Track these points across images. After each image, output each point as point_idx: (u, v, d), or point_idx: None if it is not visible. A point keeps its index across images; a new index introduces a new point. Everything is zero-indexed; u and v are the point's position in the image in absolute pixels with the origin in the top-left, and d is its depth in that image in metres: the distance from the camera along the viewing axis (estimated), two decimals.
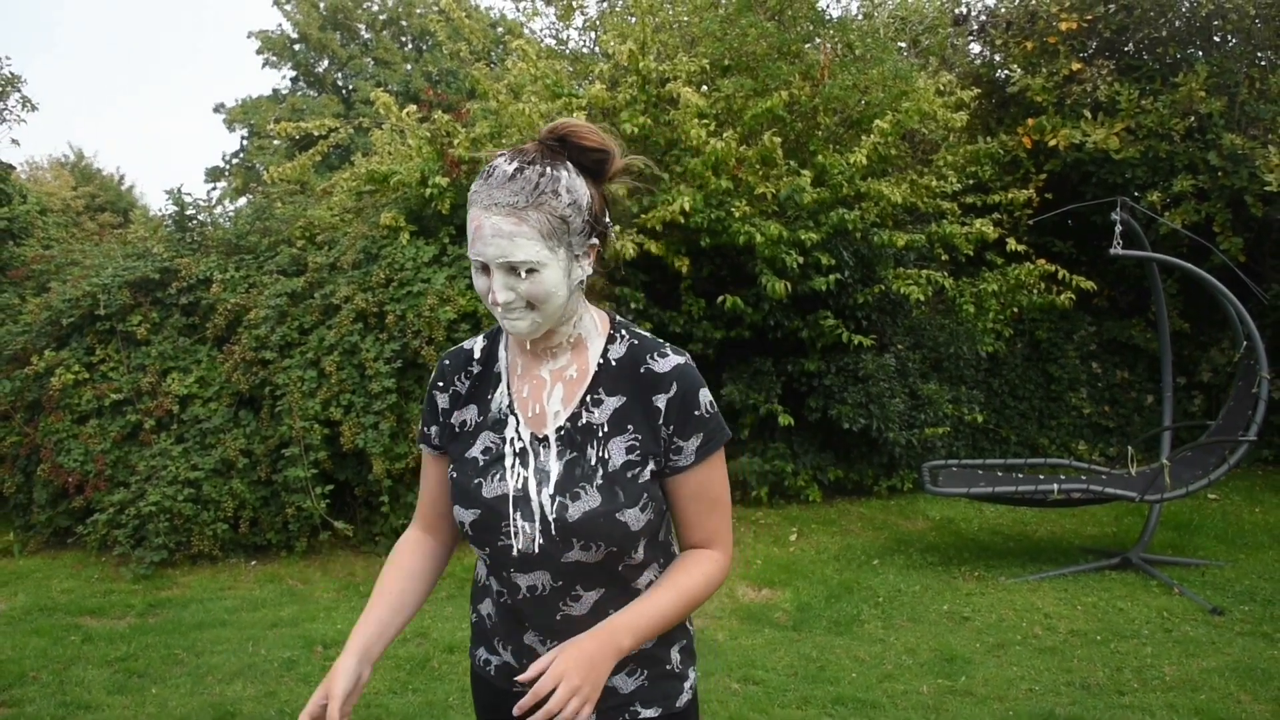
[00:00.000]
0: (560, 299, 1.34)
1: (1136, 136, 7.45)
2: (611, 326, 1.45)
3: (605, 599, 1.40)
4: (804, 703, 3.60)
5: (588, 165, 1.35)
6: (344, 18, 25.58)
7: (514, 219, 1.28)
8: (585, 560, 1.36)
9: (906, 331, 7.42)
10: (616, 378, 1.40)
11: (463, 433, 1.46)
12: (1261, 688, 3.68)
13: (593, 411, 1.39)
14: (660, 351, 1.40)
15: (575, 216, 1.32)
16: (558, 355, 1.42)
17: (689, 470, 1.39)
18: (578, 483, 1.36)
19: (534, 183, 1.29)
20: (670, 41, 7.12)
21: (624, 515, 1.34)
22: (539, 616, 1.41)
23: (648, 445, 1.38)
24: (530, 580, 1.39)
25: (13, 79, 10.90)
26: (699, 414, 1.38)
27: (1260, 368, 5.09)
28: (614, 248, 1.46)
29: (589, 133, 1.34)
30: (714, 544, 1.44)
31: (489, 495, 1.39)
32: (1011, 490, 5.17)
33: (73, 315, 6.05)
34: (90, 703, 3.64)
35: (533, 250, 1.28)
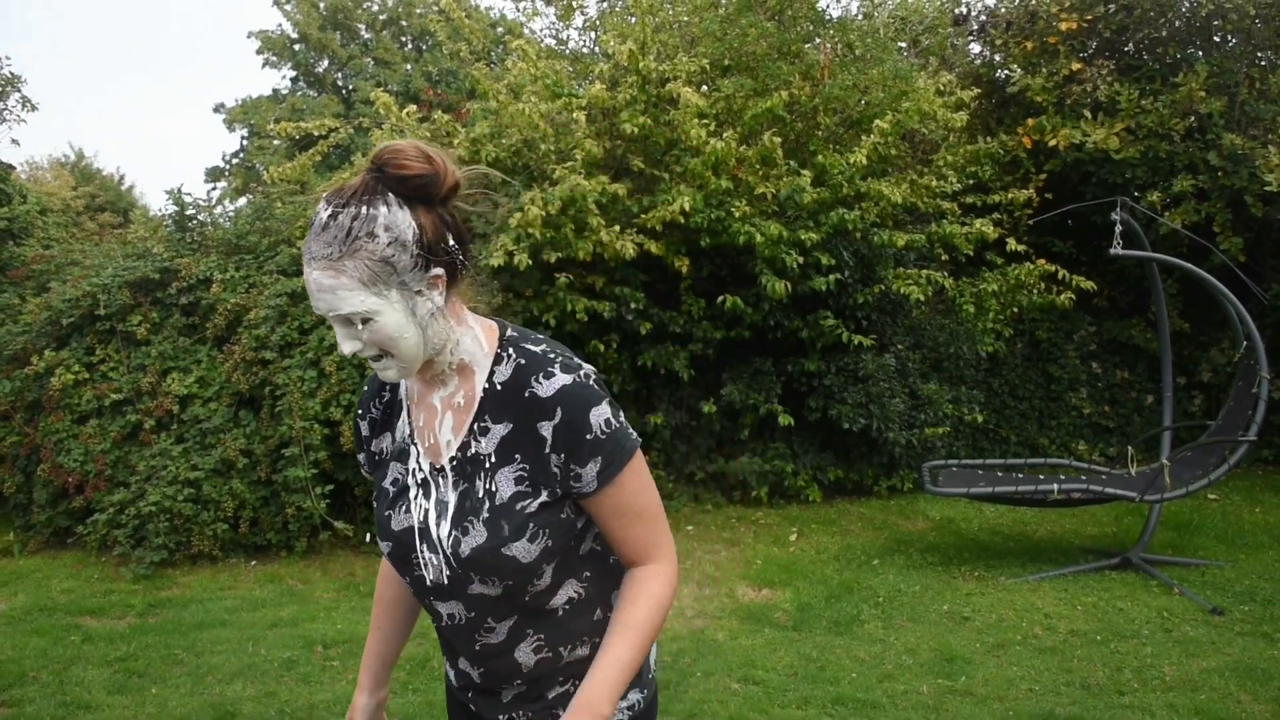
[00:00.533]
0: (411, 340, 1.27)
1: (1136, 136, 7.45)
2: (500, 345, 1.36)
3: (520, 624, 1.37)
4: (804, 703, 3.60)
5: (410, 193, 1.25)
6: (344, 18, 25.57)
7: (331, 272, 1.21)
8: (487, 593, 1.32)
9: (906, 331, 7.42)
10: (502, 403, 1.33)
11: (380, 461, 1.44)
12: (1261, 688, 3.68)
13: (480, 441, 1.33)
14: (547, 371, 1.30)
15: (400, 255, 1.23)
16: (446, 381, 1.36)
17: (598, 494, 1.31)
18: (467, 516, 1.32)
19: (346, 229, 1.21)
20: (670, 41, 7.12)
21: (510, 549, 1.29)
22: (462, 645, 1.40)
23: (537, 475, 1.31)
24: (448, 609, 1.37)
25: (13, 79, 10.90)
26: (591, 438, 1.28)
27: (1260, 368, 5.09)
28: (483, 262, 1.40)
29: (407, 159, 1.24)
30: (649, 556, 1.36)
31: (397, 528, 1.37)
32: (1011, 490, 5.17)
33: (73, 315, 6.05)
34: (90, 703, 3.64)
35: (357, 300, 1.22)
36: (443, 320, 1.32)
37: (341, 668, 3.96)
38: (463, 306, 1.35)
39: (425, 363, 1.34)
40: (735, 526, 6.19)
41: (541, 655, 1.38)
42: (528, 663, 1.38)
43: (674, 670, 3.93)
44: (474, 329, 1.36)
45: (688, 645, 4.22)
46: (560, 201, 5.63)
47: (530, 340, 1.36)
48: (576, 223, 5.80)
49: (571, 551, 1.36)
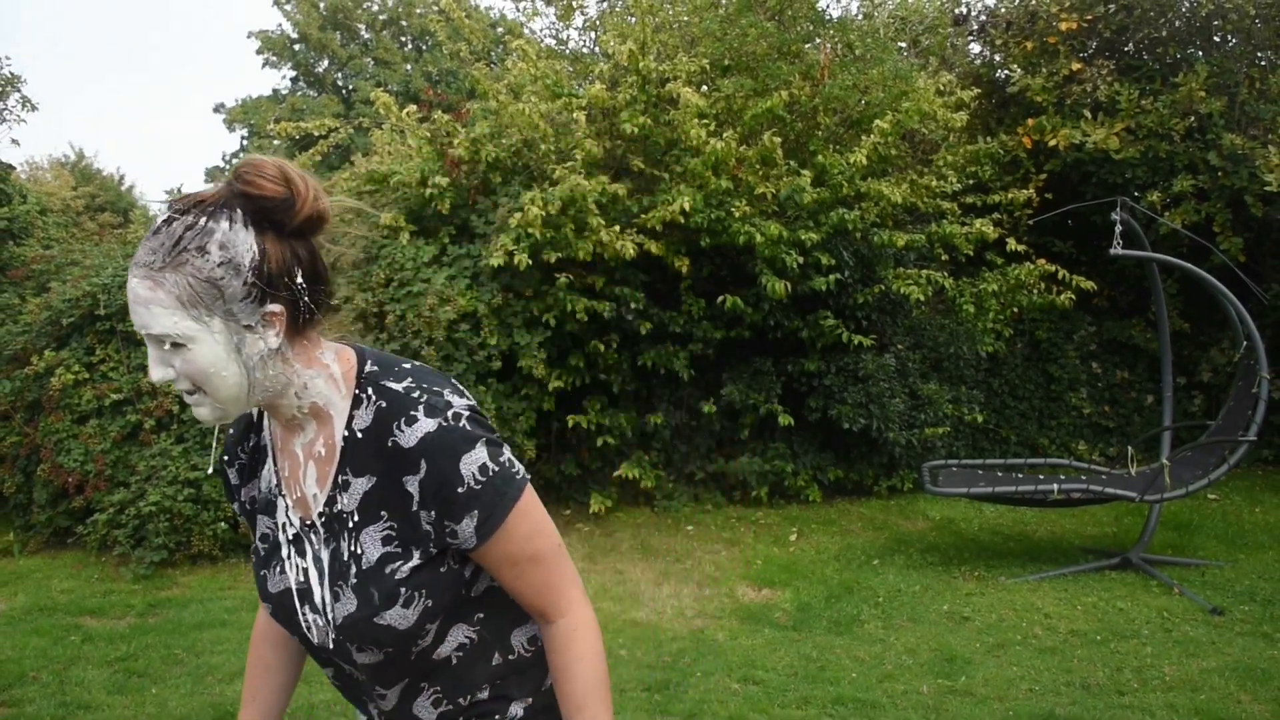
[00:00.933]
0: (230, 380, 1.12)
1: (1136, 136, 7.45)
2: (358, 384, 1.19)
3: (413, 683, 1.25)
4: (804, 703, 3.60)
5: (258, 214, 1.11)
6: (344, 18, 25.57)
7: (149, 283, 1.07)
8: (369, 661, 1.20)
9: (906, 331, 7.42)
10: (364, 453, 1.17)
11: (252, 511, 1.30)
12: (1261, 688, 3.67)
13: (342, 497, 1.19)
14: (409, 416, 1.14)
15: (231, 279, 1.08)
16: (304, 428, 1.21)
17: (482, 548, 1.17)
18: (337, 580, 1.18)
19: (176, 238, 1.07)
20: (670, 41, 7.13)
21: (384, 618, 1.16)
22: (361, 697, 1.30)
23: (407, 534, 1.16)
24: (335, 670, 1.28)
25: (13, 79, 10.90)
26: (464, 491, 1.13)
27: (1260, 368, 5.09)
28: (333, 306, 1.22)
29: (262, 176, 1.10)
30: (554, 605, 1.22)
31: (274, 590, 1.24)
32: (1011, 490, 5.16)
33: (73, 315, 6.05)
34: (90, 703, 3.64)
35: (170, 321, 1.07)
36: (279, 364, 1.15)
37: None
38: (317, 346, 1.20)
39: (273, 409, 1.19)
40: (735, 526, 6.18)
41: (442, 709, 1.26)
42: (429, 717, 1.27)
43: (674, 670, 3.93)
44: (330, 367, 1.20)
45: (688, 645, 4.22)
46: (560, 201, 5.63)
47: (393, 375, 1.20)
48: (576, 223, 5.80)
49: (456, 601, 1.22)
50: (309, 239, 1.16)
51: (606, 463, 6.52)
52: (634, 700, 3.63)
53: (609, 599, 4.88)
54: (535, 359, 5.93)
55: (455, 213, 6.25)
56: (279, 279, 1.12)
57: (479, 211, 6.27)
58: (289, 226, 1.13)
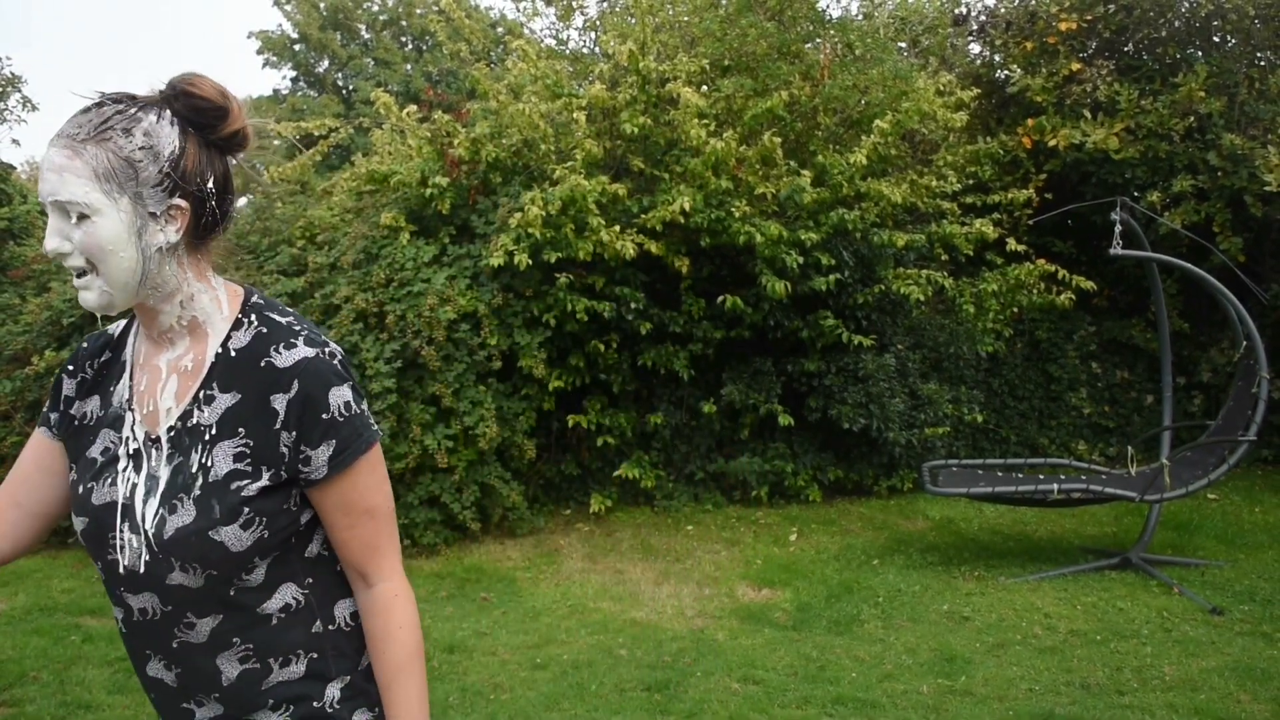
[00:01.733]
0: (125, 262, 1.15)
1: (1136, 136, 7.45)
2: (242, 310, 1.25)
3: (225, 626, 1.21)
4: (804, 703, 3.60)
5: (194, 118, 1.18)
6: (344, 18, 25.56)
7: (69, 152, 1.13)
8: (188, 584, 1.17)
9: (906, 331, 7.42)
10: (234, 371, 1.21)
11: (83, 427, 1.28)
12: (1261, 687, 3.68)
13: (203, 410, 1.20)
14: (289, 342, 1.20)
15: (148, 164, 1.15)
16: (175, 343, 1.24)
17: (326, 483, 1.20)
18: (177, 493, 1.18)
19: (105, 117, 1.14)
20: (670, 41, 7.13)
21: (219, 534, 1.15)
22: (157, 641, 1.23)
23: (261, 453, 1.18)
24: (140, 602, 1.21)
25: (13, 79, 10.90)
26: (327, 417, 1.18)
27: (1260, 368, 5.09)
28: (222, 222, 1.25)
29: (200, 83, 1.18)
30: (372, 564, 1.24)
31: (98, 502, 1.22)
32: (1011, 490, 5.16)
33: (73, 315, 6.06)
34: (90, 702, 3.64)
35: (81, 190, 1.12)
36: (174, 265, 1.20)
37: None
38: (209, 266, 1.25)
39: (150, 316, 1.23)
40: (735, 526, 6.19)
41: (247, 666, 1.22)
42: (229, 674, 1.22)
43: (674, 670, 3.93)
44: (216, 290, 1.25)
45: (688, 645, 4.22)
46: (560, 201, 5.63)
47: (277, 310, 1.26)
48: (576, 223, 5.81)
49: (293, 551, 1.23)
50: (225, 156, 1.23)
51: (606, 463, 6.52)
52: (634, 700, 3.63)
53: (609, 599, 4.88)
54: (535, 359, 5.94)
55: (455, 213, 6.25)
56: (192, 178, 1.19)
57: (479, 211, 6.27)
58: (214, 136, 1.20)
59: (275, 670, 1.23)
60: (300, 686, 1.24)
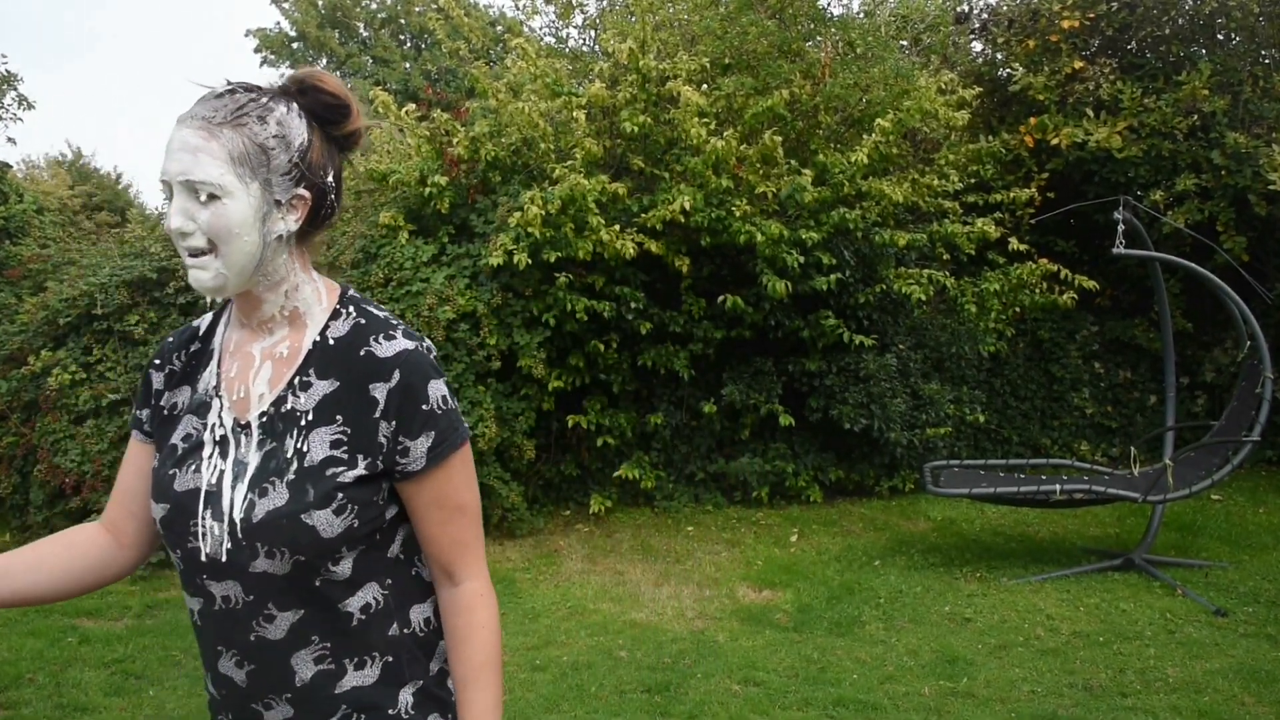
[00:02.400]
0: (247, 246, 1.17)
1: (1139, 135, 7.43)
2: (339, 302, 1.27)
3: (306, 622, 1.19)
4: (805, 704, 3.58)
5: (320, 111, 1.22)
6: (342, 16, 25.55)
7: (204, 133, 1.14)
8: (272, 571, 1.16)
9: (908, 331, 7.40)
10: (332, 359, 1.22)
11: (171, 417, 1.28)
12: (1265, 690, 3.65)
13: (299, 396, 1.21)
14: (388, 334, 1.22)
15: (280, 151, 1.17)
16: (273, 331, 1.25)
17: (422, 476, 1.21)
18: (268, 477, 1.18)
19: (240, 103, 1.16)
20: (670, 40, 7.10)
21: (311, 518, 1.15)
22: (234, 634, 1.20)
23: (358, 441, 1.19)
24: (223, 590, 1.19)
25: (9, 77, 10.87)
26: (427, 409, 1.20)
27: (1264, 368, 5.07)
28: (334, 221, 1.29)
29: (326, 79, 1.22)
30: (461, 562, 1.24)
31: (180, 489, 1.21)
32: (1014, 491, 5.14)
33: (70, 315, 6.03)
34: (87, 704, 3.62)
35: (216, 172, 1.13)
36: (285, 254, 1.22)
37: None
38: (310, 259, 1.28)
39: (254, 304, 1.23)
40: (736, 527, 6.16)
41: (323, 667, 1.20)
42: (304, 675, 1.20)
43: (674, 671, 3.90)
44: (315, 283, 1.27)
45: (688, 646, 4.20)
46: (560, 201, 5.61)
47: (373, 305, 1.28)
48: (576, 222, 5.78)
49: (378, 548, 1.23)
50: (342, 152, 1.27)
51: (606, 463, 6.49)
52: (634, 701, 3.61)
53: (609, 600, 4.85)
54: (535, 359, 5.91)
55: (454, 212, 6.23)
56: (316, 170, 1.22)
57: (478, 211, 6.25)
58: (335, 131, 1.24)
59: (350, 673, 1.22)
60: (373, 692, 1.23)
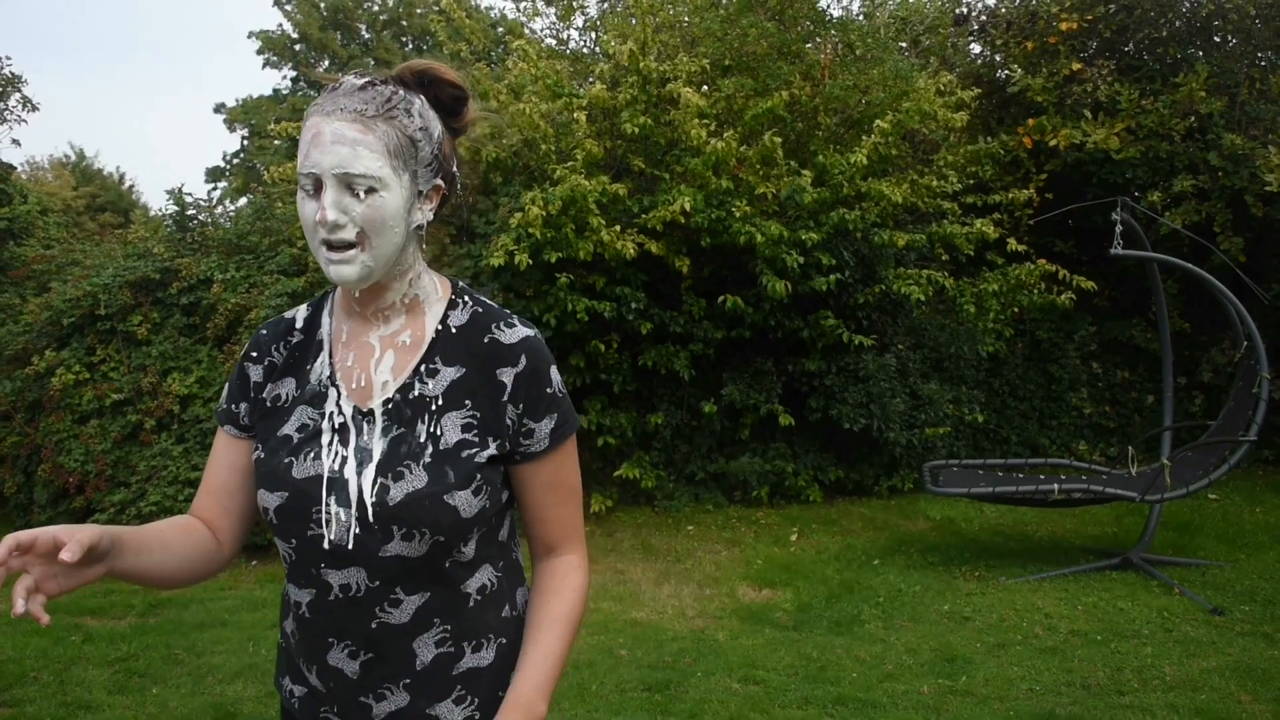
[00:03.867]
0: (396, 238, 1.18)
1: (1137, 136, 7.45)
2: (453, 292, 1.29)
3: (430, 606, 1.20)
4: (805, 703, 3.60)
5: (444, 102, 1.24)
6: (344, 18, 25.57)
7: (360, 126, 1.14)
8: (407, 554, 1.17)
9: (907, 331, 7.42)
10: (456, 347, 1.24)
11: (276, 408, 1.27)
12: (1262, 688, 3.67)
13: (426, 383, 1.22)
14: (508, 321, 1.26)
15: (425, 143, 1.20)
16: (390, 320, 1.25)
17: (544, 457, 1.25)
18: (402, 461, 1.18)
19: (386, 96, 1.17)
20: (671, 41, 7.12)
21: (453, 498, 1.17)
22: (352, 623, 1.19)
23: (488, 424, 1.21)
24: (343, 578, 1.18)
25: (14, 79, 10.89)
26: (550, 392, 1.24)
27: (1261, 368, 5.09)
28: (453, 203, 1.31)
29: (453, 74, 1.23)
30: (567, 541, 1.29)
31: (300, 476, 1.20)
32: (1012, 490, 5.16)
33: (73, 315, 6.06)
34: (91, 703, 3.64)
35: (376, 164, 1.14)
36: (414, 244, 1.24)
37: None
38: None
39: (378, 293, 1.24)
40: (736, 526, 6.18)
41: (443, 650, 1.22)
42: (424, 658, 1.21)
43: (674, 670, 3.92)
44: (431, 272, 1.30)
45: (688, 645, 4.22)
46: (561, 201, 5.63)
47: (487, 296, 1.33)
48: (577, 223, 5.80)
49: (494, 530, 1.26)
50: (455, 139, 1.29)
51: (607, 463, 6.51)
52: (635, 700, 3.63)
53: (609, 599, 4.87)
54: None
55: (455, 213, 6.25)
56: (449, 160, 1.25)
57: (479, 211, 6.27)
58: (455, 123, 1.26)
59: (467, 654, 1.24)
60: (489, 673, 1.25)
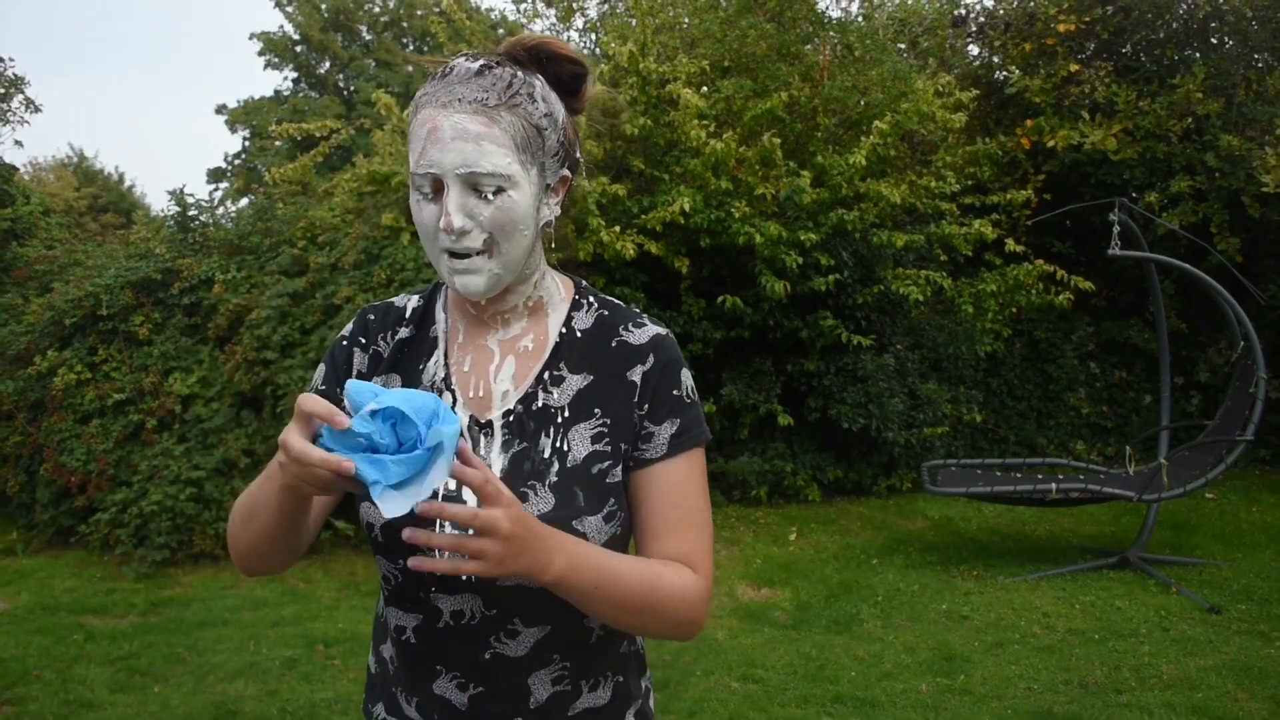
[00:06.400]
0: (526, 240, 1.05)
1: (1134, 137, 7.47)
2: (577, 292, 1.16)
3: (550, 640, 1.08)
4: (803, 701, 3.62)
5: (564, 80, 1.09)
6: (345, 19, 25.59)
7: (484, 119, 1.00)
8: (528, 583, 1.02)
9: (906, 332, 7.44)
10: (583, 352, 1.11)
11: None
12: (1258, 686, 3.69)
13: (551, 392, 1.09)
14: (636, 321, 1.13)
15: (550, 131, 1.05)
16: (510, 323, 1.13)
17: (660, 463, 1.08)
18: (526, 481, 1.06)
19: (507, 81, 1.02)
20: (670, 43, 7.14)
21: (583, 524, 1.05)
22: (462, 653, 1.08)
23: (619, 432, 1.08)
24: (456, 604, 1.07)
25: (16, 80, 10.91)
26: (678, 394, 1.10)
27: (1257, 368, 5.11)
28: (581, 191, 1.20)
29: (570, 49, 1.09)
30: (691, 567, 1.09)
31: None
32: (1010, 490, 5.18)
33: (75, 315, 6.07)
34: (93, 701, 3.66)
35: (504, 161, 1.00)
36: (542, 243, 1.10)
37: (343, 666, 3.98)
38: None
39: (500, 295, 1.10)
40: (735, 526, 6.20)
41: (560, 688, 1.10)
42: (539, 696, 1.09)
43: (674, 669, 3.94)
44: (553, 272, 1.16)
45: (687, 644, 4.24)
46: None
47: (611, 296, 1.19)
48: (577, 223, 5.82)
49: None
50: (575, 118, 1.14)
51: None
52: None
53: None
54: None
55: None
56: (572, 148, 1.11)
57: None
58: (575, 104, 1.11)
59: (584, 694, 1.12)
60: (605, 714, 1.14)
